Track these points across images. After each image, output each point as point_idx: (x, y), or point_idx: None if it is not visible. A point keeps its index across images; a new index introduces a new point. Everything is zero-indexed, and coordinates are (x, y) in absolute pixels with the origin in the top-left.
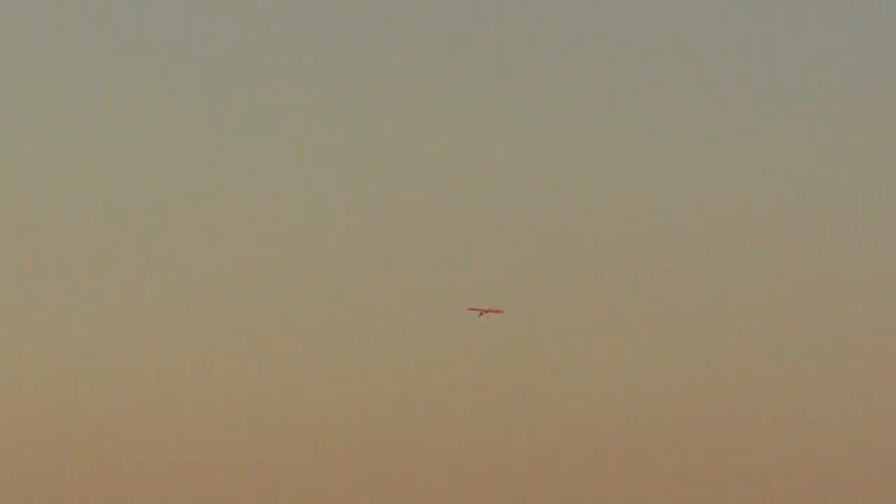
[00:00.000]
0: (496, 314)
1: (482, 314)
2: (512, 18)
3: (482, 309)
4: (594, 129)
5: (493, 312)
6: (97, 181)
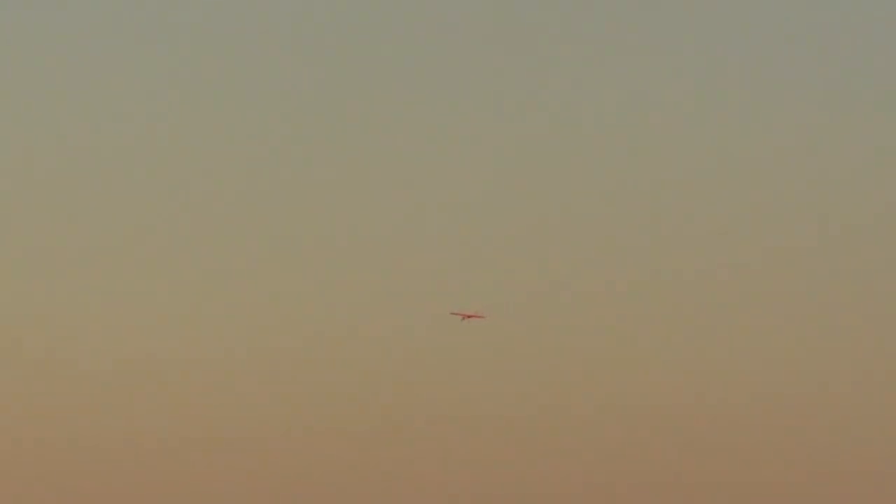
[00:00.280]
0: (478, 320)
1: (465, 319)
2: (508, 19)
3: (465, 314)
4: (581, 130)
5: (475, 318)
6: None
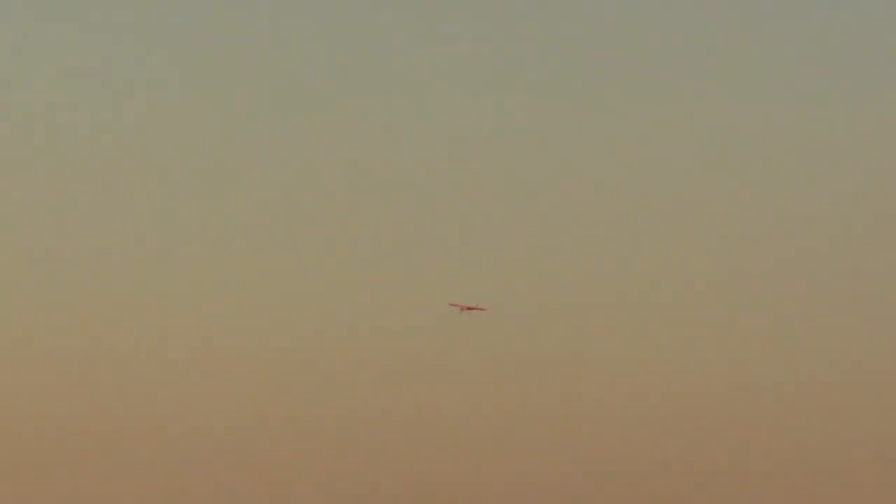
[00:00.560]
0: (479, 312)
1: (464, 311)
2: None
3: (465, 305)
4: (588, 123)
5: (476, 310)
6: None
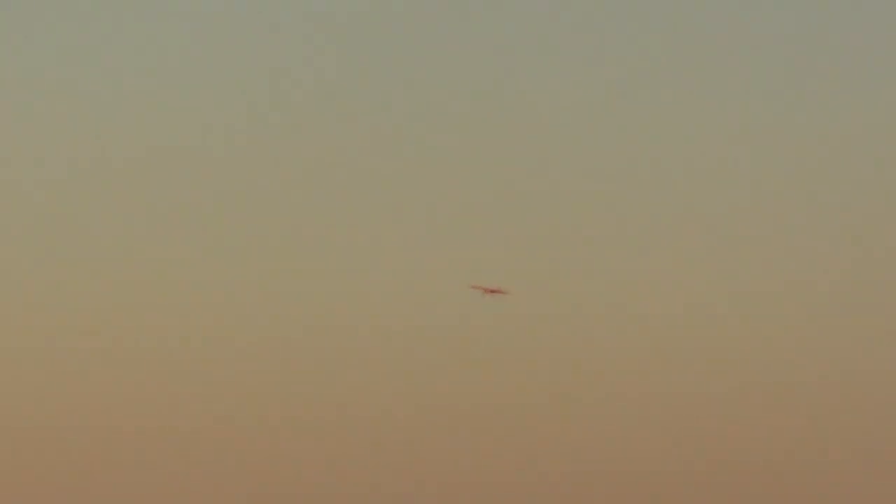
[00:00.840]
0: (500, 295)
1: (486, 293)
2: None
3: (486, 288)
4: (612, 108)
5: (496, 293)
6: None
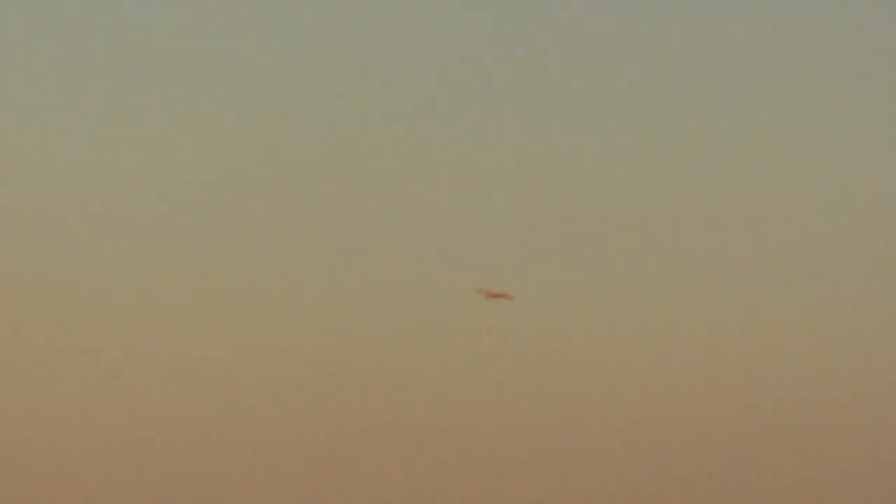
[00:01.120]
0: (505, 300)
1: (490, 298)
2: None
3: (491, 293)
4: (611, 112)
5: (501, 298)
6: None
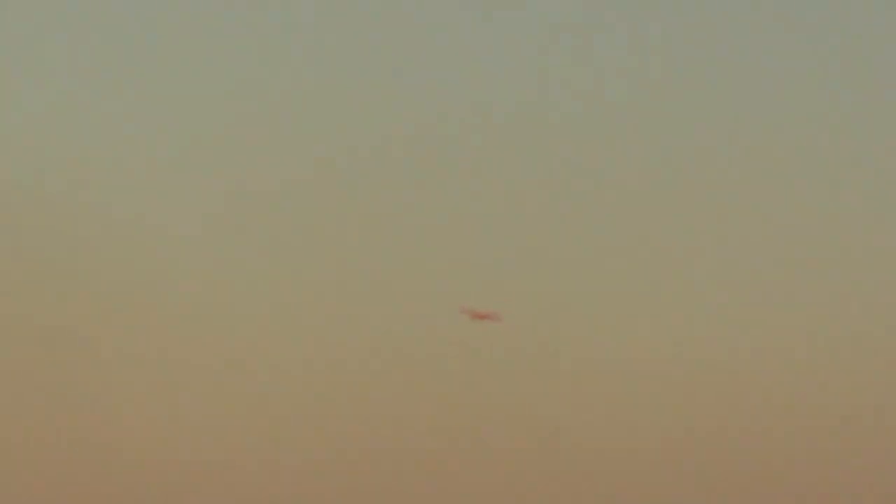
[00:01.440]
0: (491, 321)
1: (476, 318)
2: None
3: (477, 313)
4: (600, 124)
5: (488, 319)
6: None
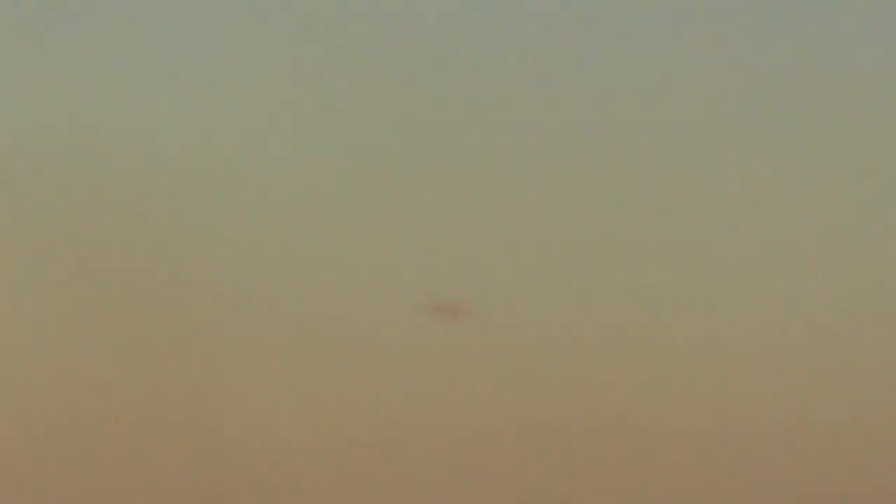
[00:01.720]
0: (459, 315)
1: (441, 314)
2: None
3: (441, 307)
4: (573, 116)
5: (455, 313)
6: None
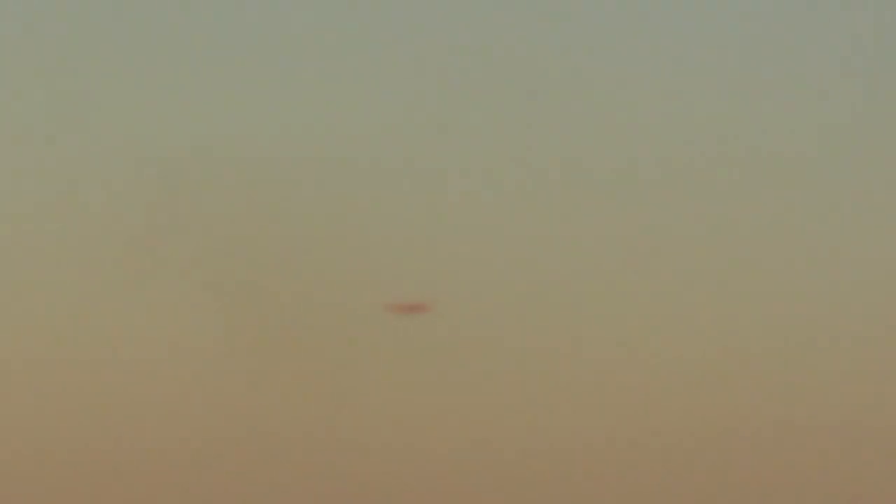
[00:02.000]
0: (420, 313)
1: (401, 312)
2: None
3: (401, 306)
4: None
5: (415, 311)
6: None
